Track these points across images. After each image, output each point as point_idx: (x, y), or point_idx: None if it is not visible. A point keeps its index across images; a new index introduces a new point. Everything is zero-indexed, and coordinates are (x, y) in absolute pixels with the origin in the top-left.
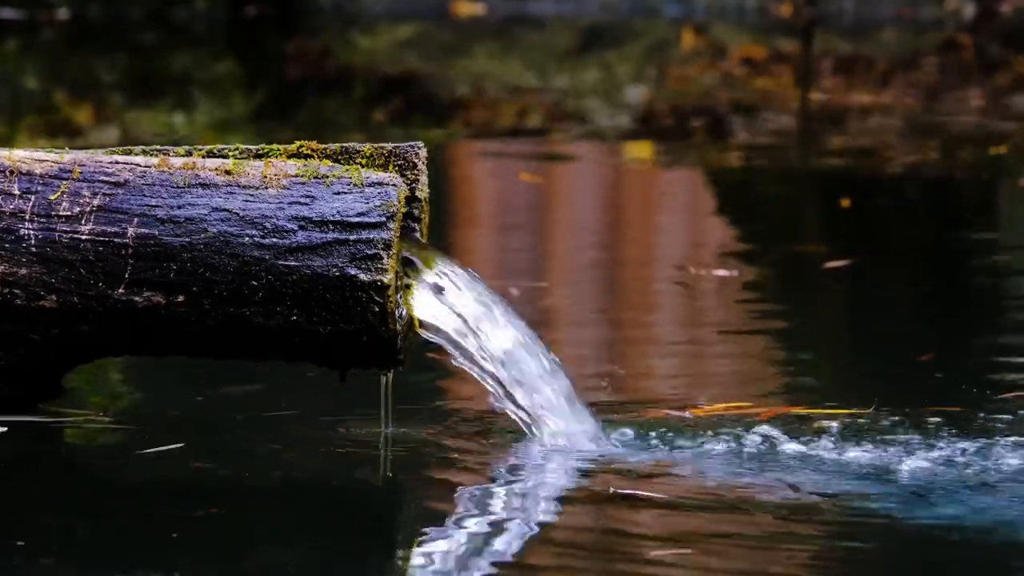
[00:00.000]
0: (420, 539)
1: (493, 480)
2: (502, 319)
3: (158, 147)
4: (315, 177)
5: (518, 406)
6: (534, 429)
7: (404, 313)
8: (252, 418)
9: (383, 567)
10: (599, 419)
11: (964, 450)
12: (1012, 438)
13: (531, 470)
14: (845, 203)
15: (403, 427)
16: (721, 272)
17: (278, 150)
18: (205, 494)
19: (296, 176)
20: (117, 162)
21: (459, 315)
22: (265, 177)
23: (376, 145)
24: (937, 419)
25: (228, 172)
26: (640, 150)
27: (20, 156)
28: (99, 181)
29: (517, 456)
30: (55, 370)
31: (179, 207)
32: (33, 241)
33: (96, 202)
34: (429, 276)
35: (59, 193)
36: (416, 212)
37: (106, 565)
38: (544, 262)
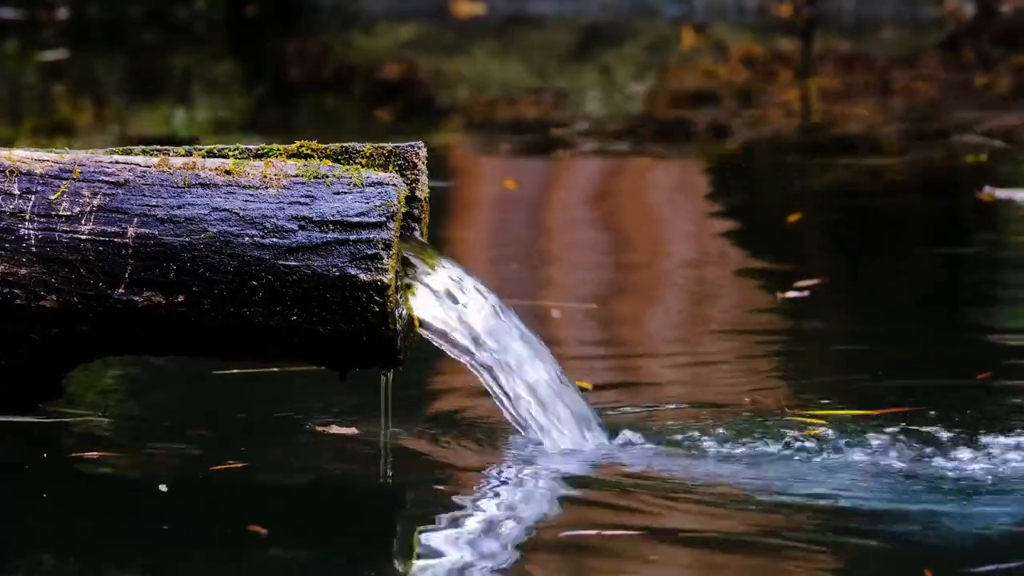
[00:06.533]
0: (420, 539)
1: (493, 481)
2: (502, 319)
3: (158, 147)
4: (315, 177)
5: (519, 406)
6: (535, 430)
7: (404, 313)
8: (252, 418)
9: (383, 567)
10: (602, 421)
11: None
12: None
13: (531, 471)
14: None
15: (403, 427)
16: (792, 293)
17: (278, 150)
18: (205, 494)
19: (296, 176)
20: (117, 162)
21: (459, 316)
22: (265, 177)
23: (376, 145)
24: (939, 422)
25: (228, 172)
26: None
27: (20, 156)
28: (99, 181)
29: (517, 457)
30: (55, 370)
31: (179, 207)
32: (33, 241)
33: (96, 202)
34: (429, 276)
35: (59, 193)
36: (416, 212)
37: (106, 565)
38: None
